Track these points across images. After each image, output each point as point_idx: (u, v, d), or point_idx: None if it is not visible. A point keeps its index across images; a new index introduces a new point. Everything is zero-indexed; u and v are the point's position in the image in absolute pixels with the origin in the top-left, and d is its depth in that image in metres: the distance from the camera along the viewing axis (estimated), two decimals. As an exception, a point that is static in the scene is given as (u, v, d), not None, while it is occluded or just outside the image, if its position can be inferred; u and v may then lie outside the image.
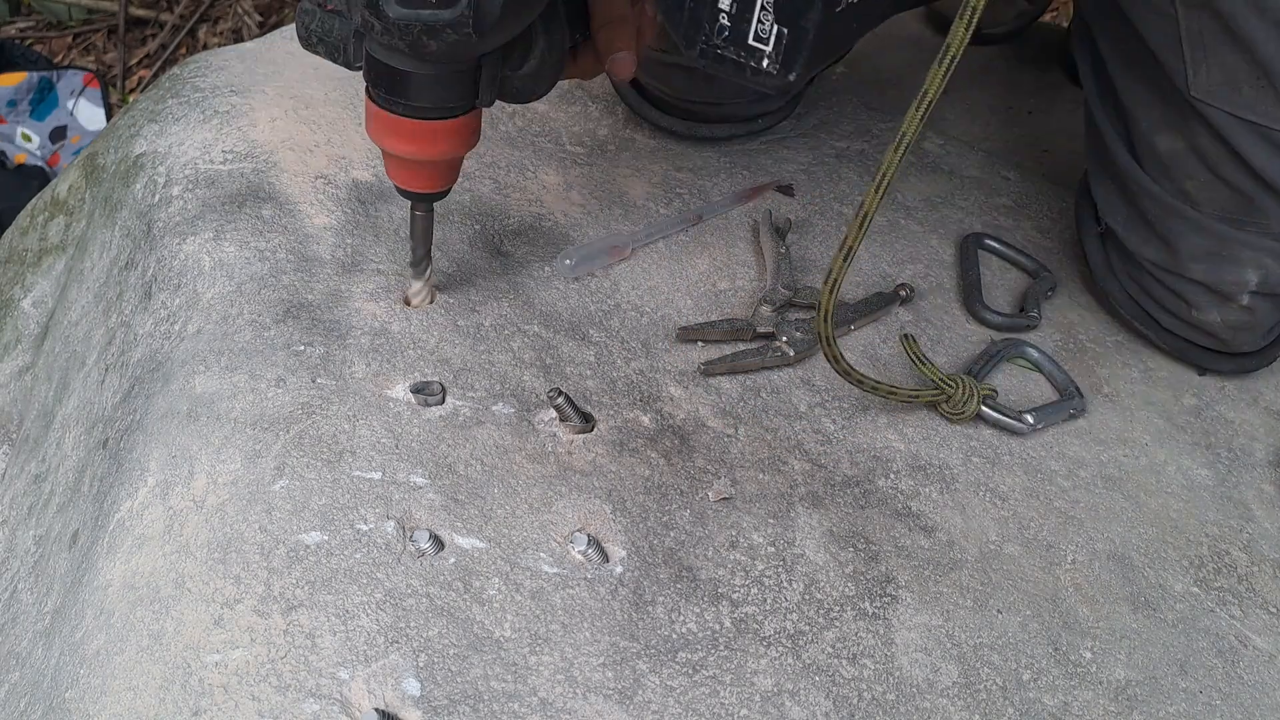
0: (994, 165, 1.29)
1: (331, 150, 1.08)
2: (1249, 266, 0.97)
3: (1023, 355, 1.04)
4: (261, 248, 0.96)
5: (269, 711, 0.67)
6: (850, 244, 0.81)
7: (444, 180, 0.87)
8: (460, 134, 0.82)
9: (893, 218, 1.17)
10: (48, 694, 0.73)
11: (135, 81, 2.58)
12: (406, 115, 0.80)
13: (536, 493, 0.83)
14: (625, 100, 1.21)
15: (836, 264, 0.81)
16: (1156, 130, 0.97)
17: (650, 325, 0.99)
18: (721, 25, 0.76)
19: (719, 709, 0.73)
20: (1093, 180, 1.07)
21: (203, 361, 0.87)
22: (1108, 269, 1.09)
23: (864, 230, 0.80)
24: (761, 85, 0.78)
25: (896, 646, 0.79)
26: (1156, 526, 0.93)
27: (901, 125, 0.76)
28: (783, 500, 0.87)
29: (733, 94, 1.18)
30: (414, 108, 0.79)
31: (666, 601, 0.78)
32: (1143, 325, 1.07)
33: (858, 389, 0.90)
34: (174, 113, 1.11)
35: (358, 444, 0.82)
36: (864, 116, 1.32)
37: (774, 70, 0.76)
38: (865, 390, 0.90)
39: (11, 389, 1.16)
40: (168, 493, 0.78)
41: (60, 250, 1.19)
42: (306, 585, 0.73)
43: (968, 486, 0.92)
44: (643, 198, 1.12)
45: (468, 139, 0.84)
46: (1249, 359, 1.07)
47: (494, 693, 0.71)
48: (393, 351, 0.89)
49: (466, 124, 0.82)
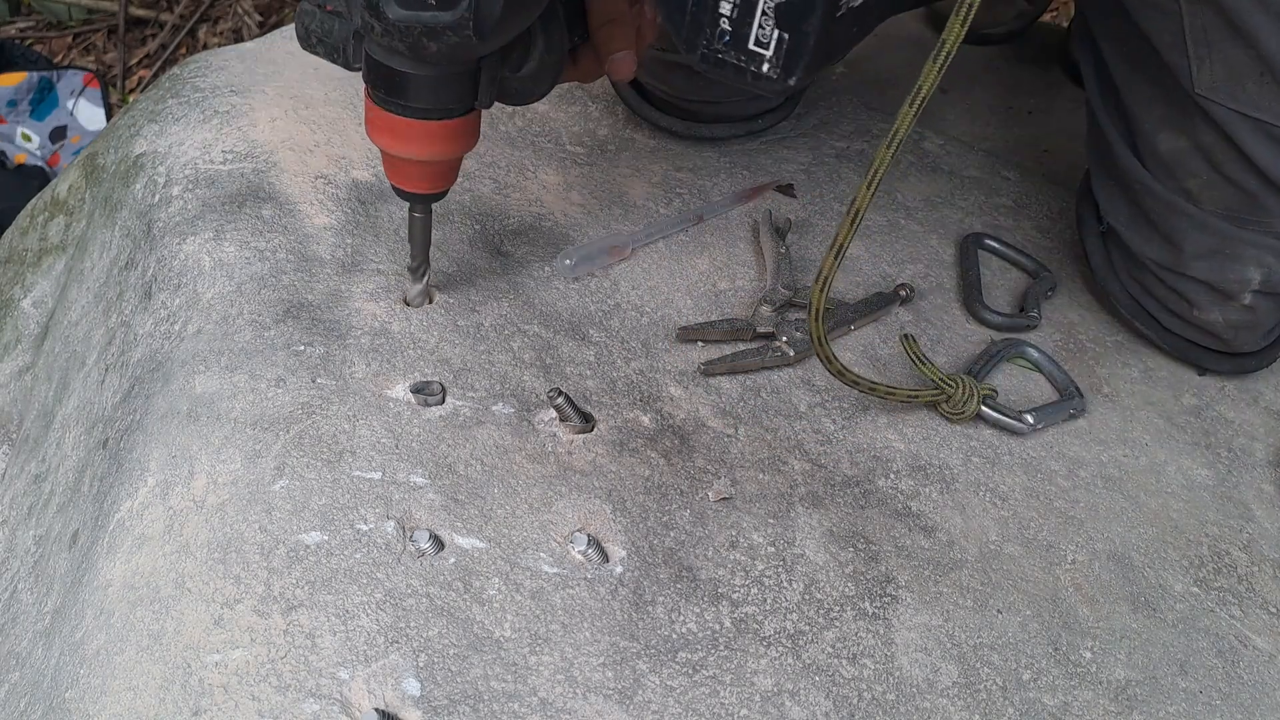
0: (994, 165, 1.29)
1: (331, 150, 1.08)
2: (1251, 265, 0.97)
3: (1023, 355, 1.04)
4: (261, 248, 0.96)
5: (269, 711, 0.67)
6: (841, 241, 0.80)
7: (442, 181, 0.87)
8: (459, 135, 0.83)
9: (893, 218, 1.17)
10: (48, 694, 0.73)
11: (135, 81, 2.58)
12: (405, 115, 0.80)
13: (536, 493, 0.83)
14: (625, 100, 1.21)
15: (827, 262, 0.81)
16: (1159, 129, 0.97)
17: (650, 325, 0.99)
18: (722, 30, 0.76)
19: (719, 709, 0.73)
20: (1095, 180, 1.07)
21: (203, 361, 0.87)
22: (1109, 268, 1.09)
23: (854, 227, 0.80)
24: (762, 90, 0.78)
25: (896, 646, 0.79)
26: (1156, 526, 0.93)
27: (895, 122, 0.76)
28: (783, 500, 0.87)
29: (731, 94, 1.18)
30: (413, 108, 0.79)
31: (666, 601, 0.78)
32: (1144, 325, 1.07)
33: (854, 390, 0.90)
34: (174, 113, 1.11)
35: (358, 444, 0.82)
36: (864, 116, 1.32)
37: (774, 75, 0.76)
38: (861, 391, 0.90)
39: (11, 389, 1.16)
40: (168, 493, 0.78)
41: (60, 250, 1.19)
42: (306, 585, 0.73)
43: (968, 486, 0.92)
44: (643, 198, 1.12)
45: (466, 140, 0.84)
46: (1249, 359, 1.07)
47: (494, 693, 0.71)
48: (393, 351, 0.89)
49: (465, 125, 0.82)
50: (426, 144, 0.82)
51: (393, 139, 0.81)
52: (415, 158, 0.83)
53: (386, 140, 0.82)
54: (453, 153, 0.84)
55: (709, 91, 1.16)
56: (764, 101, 1.20)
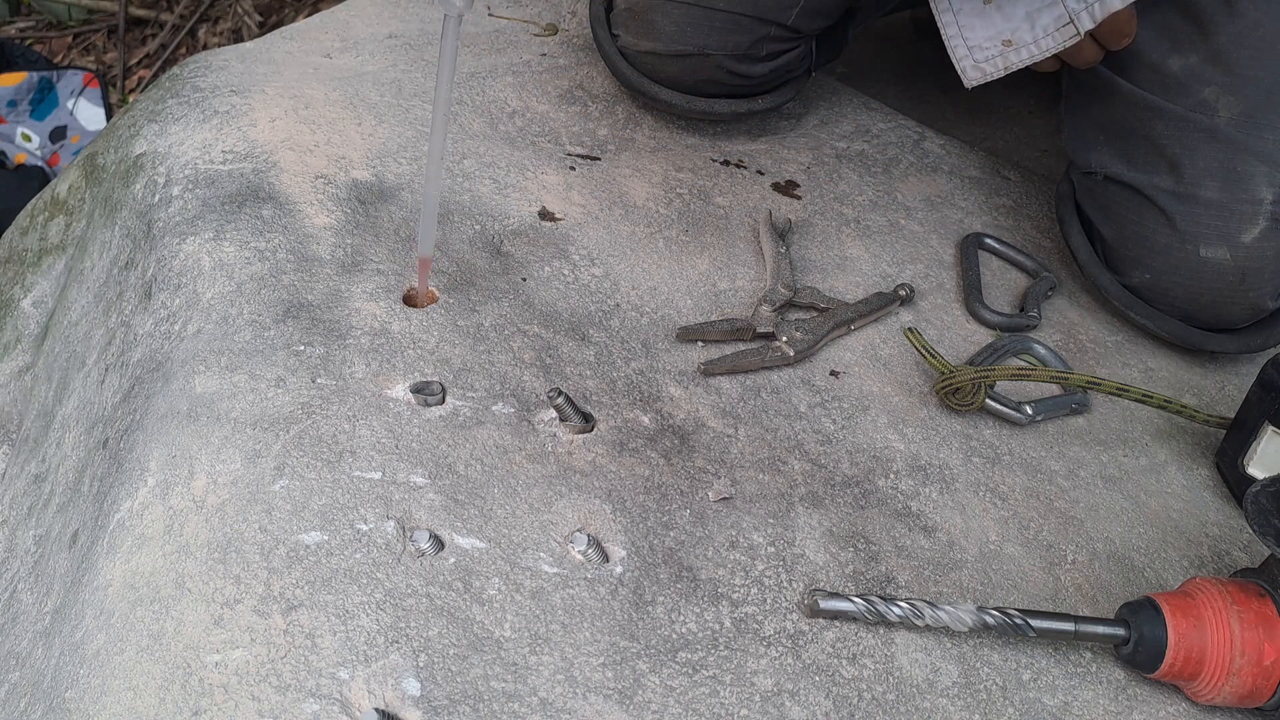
0: (994, 165, 1.29)
1: (331, 150, 1.08)
2: (1262, 183, 0.99)
3: (1029, 351, 1.04)
4: (261, 248, 0.96)
5: (269, 711, 0.67)
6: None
7: None
8: None
9: (893, 218, 1.17)
10: (48, 694, 0.73)
11: (135, 81, 2.58)
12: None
13: (536, 493, 0.83)
14: (625, 79, 1.20)
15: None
16: (1168, 55, 1.02)
17: (650, 325, 0.99)
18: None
19: (719, 709, 0.73)
20: (1080, 139, 1.11)
21: (203, 361, 0.87)
22: (1096, 263, 1.10)
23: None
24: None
25: (896, 646, 0.79)
26: (1157, 527, 0.93)
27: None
28: (783, 500, 0.87)
29: (722, 93, 1.18)
30: None
31: (666, 601, 0.78)
32: (1138, 314, 1.07)
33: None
34: (174, 113, 1.11)
35: (358, 444, 0.82)
36: (864, 116, 1.32)
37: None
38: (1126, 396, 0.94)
39: (11, 389, 1.16)
40: (168, 493, 0.78)
41: (60, 250, 1.19)
42: (306, 585, 0.73)
43: (968, 486, 0.92)
44: (643, 198, 1.12)
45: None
46: (1253, 336, 1.07)
47: (494, 693, 0.71)
48: (393, 351, 0.89)
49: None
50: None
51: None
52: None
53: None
54: None
55: (697, 83, 1.16)
56: (754, 101, 1.20)
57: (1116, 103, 1.05)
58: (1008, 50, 1.02)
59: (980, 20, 1.03)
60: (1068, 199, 1.14)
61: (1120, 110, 1.05)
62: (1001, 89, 1.42)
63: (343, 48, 1.29)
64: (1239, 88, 0.99)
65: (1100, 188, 1.09)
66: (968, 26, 1.03)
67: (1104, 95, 1.06)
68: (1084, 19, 0.97)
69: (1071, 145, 1.12)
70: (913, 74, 1.50)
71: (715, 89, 1.18)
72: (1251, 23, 0.98)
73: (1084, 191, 1.12)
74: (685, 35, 1.12)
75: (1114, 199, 1.07)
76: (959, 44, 1.04)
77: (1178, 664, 0.76)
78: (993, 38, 1.02)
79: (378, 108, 1.16)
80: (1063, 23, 0.98)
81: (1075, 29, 0.98)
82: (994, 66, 1.04)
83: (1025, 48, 1.01)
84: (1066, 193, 1.15)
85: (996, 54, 1.03)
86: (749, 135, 1.26)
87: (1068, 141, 1.13)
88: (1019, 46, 1.02)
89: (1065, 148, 1.14)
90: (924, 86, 1.48)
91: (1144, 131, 1.03)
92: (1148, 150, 1.03)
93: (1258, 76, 0.98)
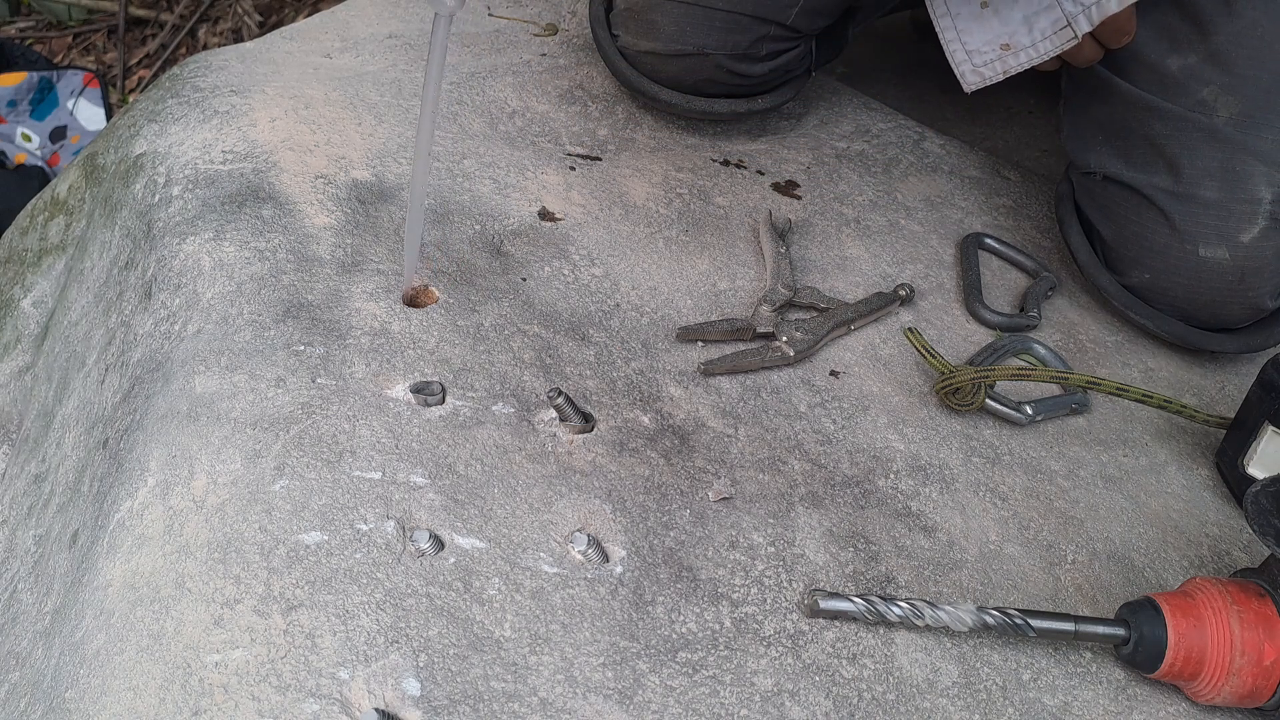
0: (994, 165, 1.29)
1: (331, 150, 1.08)
2: (1261, 182, 0.99)
3: (1028, 351, 1.04)
4: (261, 248, 0.96)
5: (269, 711, 0.67)
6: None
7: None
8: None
9: (893, 218, 1.17)
10: (48, 694, 0.73)
11: (135, 81, 2.58)
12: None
13: (536, 493, 0.83)
14: (624, 79, 1.20)
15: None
16: (1166, 56, 1.02)
17: (650, 325, 0.99)
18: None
19: (719, 709, 0.73)
20: (1078, 135, 1.11)
21: (203, 361, 0.87)
22: (1096, 263, 1.10)
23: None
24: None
25: (896, 646, 0.79)
26: (1157, 527, 0.93)
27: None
28: (783, 500, 0.87)
29: (721, 93, 1.18)
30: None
31: (666, 601, 0.78)
32: (1138, 314, 1.07)
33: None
34: (174, 113, 1.11)
35: (358, 444, 0.82)
36: (864, 116, 1.32)
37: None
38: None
39: (11, 389, 1.16)
40: (168, 493, 0.78)
41: (60, 250, 1.19)
42: (306, 585, 0.73)
43: (968, 486, 0.92)
44: (643, 198, 1.12)
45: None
46: (1253, 336, 1.07)
47: (494, 693, 0.71)
48: (393, 351, 0.89)
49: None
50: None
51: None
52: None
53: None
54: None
55: (696, 84, 1.16)
56: (754, 101, 1.20)
57: (1115, 103, 1.05)
58: (1006, 54, 1.02)
59: (978, 25, 1.03)
60: (1067, 199, 1.15)
61: (1119, 110, 1.05)
62: (1001, 89, 1.42)
63: (343, 48, 1.29)
64: (1238, 87, 0.99)
65: (1099, 188, 1.09)
66: (965, 31, 1.03)
67: (1103, 95, 1.07)
68: (1081, 22, 0.97)
69: (1071, 145, 1.12)
70: (913, 74, 1.50)
71: (715, 89, 1.18)
72: (1250, 22, 0.98)
73: (1083, 191, 1.12)
74: (685, 35, 1.12)
75: (1113, 199, 1.07)
76: (957, 49, 1.04)
77: (1178, 664, 0.76)
78: (991, 42, 1.03)
79: (378, 108, 1.16)
80: (1060, 26, 0.98)
81: (1073, 32, 0.98)
82: (993, 71, 1.04)
83: (1023, 51, 1.01)
84: (1066, 193, 1.15)
85: (995, 58, 1.03)
86: (749, 135, 1.26)
87: (1067, 141, 1.13)
88: (1017, 50, 1.02)
89: (1064, 148, 1.14)
90: (924, 86, 1.48)
91: (1143, 131, 1.03)
92: (1147, 150, 1.03)
93: (1256, 76, 0.98)
